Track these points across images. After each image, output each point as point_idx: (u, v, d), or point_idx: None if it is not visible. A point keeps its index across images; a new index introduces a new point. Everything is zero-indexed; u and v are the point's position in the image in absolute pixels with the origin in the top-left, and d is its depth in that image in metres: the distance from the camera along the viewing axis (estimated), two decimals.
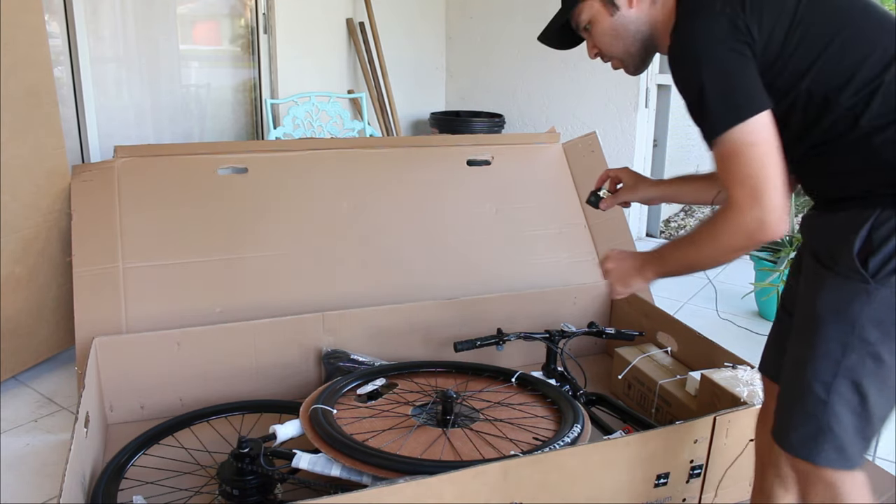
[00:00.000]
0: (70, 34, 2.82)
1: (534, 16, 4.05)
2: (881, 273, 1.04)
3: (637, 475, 1.51)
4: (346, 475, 1.50)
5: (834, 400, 1.09)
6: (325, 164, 2.44)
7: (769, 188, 1.09)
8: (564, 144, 2.74)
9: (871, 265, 1.05)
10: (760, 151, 1.09)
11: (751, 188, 1.10)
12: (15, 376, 2.27)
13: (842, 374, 1.09)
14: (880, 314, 1.06)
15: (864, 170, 1.09)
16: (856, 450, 1.11)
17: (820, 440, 1.11)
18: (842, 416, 1.09)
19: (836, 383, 1.09)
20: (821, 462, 1.12)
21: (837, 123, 1.10)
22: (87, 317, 1.99)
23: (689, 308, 3.02)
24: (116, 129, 3.09)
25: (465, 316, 2.25)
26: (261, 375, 2.07)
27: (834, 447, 1.11)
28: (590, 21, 1.33)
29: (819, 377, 1.11)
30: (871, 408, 1.09)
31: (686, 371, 1.94)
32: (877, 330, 1.06)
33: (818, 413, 1.11)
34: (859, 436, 1.10)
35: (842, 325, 1.09)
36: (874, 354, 1.07)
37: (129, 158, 2.25)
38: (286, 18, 3.58)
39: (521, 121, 4.31)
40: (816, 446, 1.12)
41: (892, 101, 1.06)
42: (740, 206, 1.11)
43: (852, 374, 1.08)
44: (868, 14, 1.11)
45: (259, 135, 3.68)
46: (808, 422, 1.13)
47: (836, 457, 1.11)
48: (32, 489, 1.74)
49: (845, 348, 1.08)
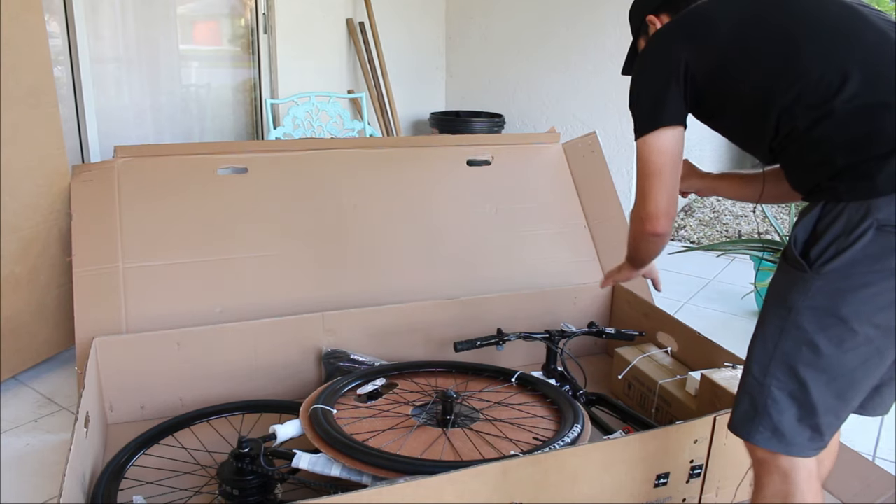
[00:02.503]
0: (70, 34, 2.82)
1: (534, 16, 4.05)
2: (818, 262, 1.09)
3: (637, 475, 1.51)
4: (346, 475, 1.50)
5: (769, 382, 1.15)
6: (325, 164, 2.44)
7: (654, 192, 1.34)
8: (564, 144, 2.74)
9: (811, 255, 1.10)
10: (658, 161, 1.32)
11: (640, 194, 1.37)
12: (15, 376, 2.28)
13: (777, 357, 1.14)
14: (816, 302, 1.09)
15: (809, 165, 1.16)
16: (798, 436, 1.14)
17: (756, 420, 1.16)
18: (780, 401, 1.14)
19: (772, 367, 1.14)
20: (757, 442, 1.17)
21: (780, 123, 1.18)
22: (87, 317, 1.99)
23: (689, 308, 3.02)
24: (116, 129, 3.09)
25: (465, 316, 2.25)
26: (261, 375, 2.07)
27: (769, 429, 1.15)
28: None
29: (757, 359, 1.17)
30: (814, 398, 1.11)
31: (686, 371, 1.94)
32: (813, 318, 1.10)
33: (754, 394, 1.17)
34: (803, 424, 1.13)
35: (780, 311, 1.14)
36: (810, 343, 1.10)
37: (129, 158, 2.25)
38: (286, 18, 3.58)
39: (521, 121, 4.31)
40: (753, 426, 1.17)
41: (819, 97, 1.12)
42: (635, 207, 1.40)
43: (788, 359, 1.13)
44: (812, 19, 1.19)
45: (259, 135, 3.68)
46: (746, 402, 1.18)
47: (771, 438, 1.15)
48: (32, 489, 1.74)
49: (781, 333, 1.14)
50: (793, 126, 1.16)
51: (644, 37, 1.52)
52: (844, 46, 1.14)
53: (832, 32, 1.16)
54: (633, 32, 1.58)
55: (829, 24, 1.17)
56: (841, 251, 1.07)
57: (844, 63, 1.12)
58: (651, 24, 1.48)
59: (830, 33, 1.16)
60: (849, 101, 1.10)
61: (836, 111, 1.11)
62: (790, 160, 1.21)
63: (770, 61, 1.19)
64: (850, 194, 1.08)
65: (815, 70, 1.13)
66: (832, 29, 1.16)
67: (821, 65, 1.13)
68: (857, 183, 1.08)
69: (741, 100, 1.23)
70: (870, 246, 1.06)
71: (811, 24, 1.18)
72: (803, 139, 1.15)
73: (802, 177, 1.19)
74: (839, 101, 1.11)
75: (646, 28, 1.50)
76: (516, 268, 2.48)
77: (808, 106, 1.13)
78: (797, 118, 1.15)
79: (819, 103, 1.12)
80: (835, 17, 1.18)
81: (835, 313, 1.08)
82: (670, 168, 1.33)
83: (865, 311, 1.07)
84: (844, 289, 1.08)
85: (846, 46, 1.14)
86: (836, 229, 1.08)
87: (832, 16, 1.18)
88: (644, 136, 1.33)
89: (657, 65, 1.33)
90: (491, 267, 2.45)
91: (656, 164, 1.33)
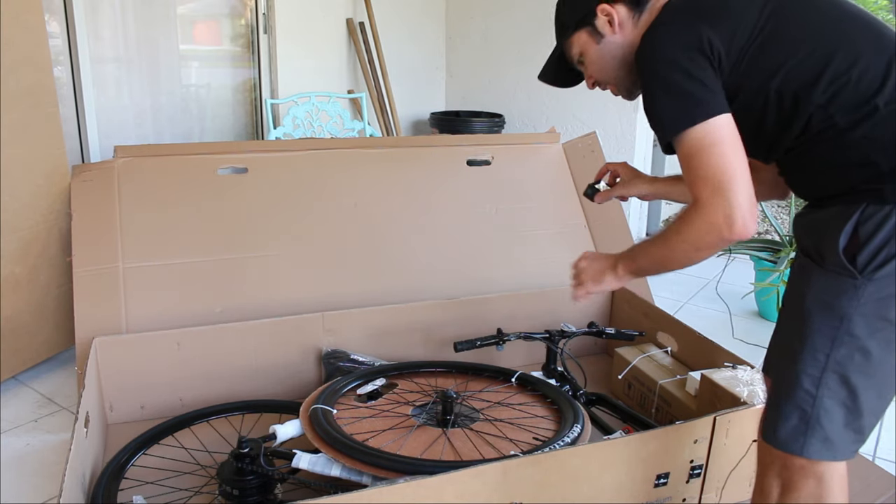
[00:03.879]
0: (70, 34, 2.82)
1: (534, 15, 4.05)
2: (868, 268, 1.05)
3: (637, 475, 1.51)
4: (346, 475, 1.50)
5: (822, 393, 1.10)
6: (325, 164, 2.44)
7: (733, 185, 1.09)
8: (564, 144, 2.74)
9: (859, 260, 1.05)
10: (719, 151, 1.10)
11: (714, 186, 1.11)
12: (15, 376, 2.28)
13: (830, 367, 1.10)
14: (868, 308, 1.06)
15: (844, 166, 1.10)
16: (844, 442, 1.12)
17: (808, 434, 1.13)
18: (831, 410, 1.11)
19: (825, 377, 1.10)
20: (811, 455, 1.13)
21: (812, 122, 1.10)
22: (87, 317, 1.99)
23: (689, 308, 3.02)
24: (116, 129, 3.09)
25: (465, 316, 2.25)
26: (261, 375, 2.07)
27: (821, 439, 1.12)
28: (581, 53, 1.37)
29: (807, 371, 1.12)
30: (861, 402, 1.10)
31: (686, 371, 1.94)
32: (865, 324, 1.07)
33: (807, 407, 1.12)
34: (849, 428, 1.12)
35: (830, 320, 1.09)
36: (862, 349, 1.08)
37: (129, 158, 2.25)
38: (286, 18, 3.58)
39: (521, 121, 4.31)
40: (805, 440, 1.13)
41: (860, 96, 1.06)
42: (705, 204, 1.12)
43: (841, 367, 1.09)
44: (837, 15, 1.12)
45: (259, 135, 3.68)
46: (797, 416, 1.14)
47: (823, 449, 1.13)
48: (32, 489, 1.74)
49: (833, 342, 1.09)
50: (829, 125, 1.09)
51: (588, 29, 1.31)
52: (878, 39, 1.08)
53: (864, 24, 1.10)
54: (568, 24, 1.34)
55: (859, 16, 1.11)
56: (893, 255, 1.03)
57: (882, 57, 1.07)
58: (604, 13, 1.28)
59: (862, 24, 1.10)
60: (891, 101, 1.05)
61: (879, 110, 1.05)
62: (817, 160, 1.13)
63: (799, 56, 1.09)
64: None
65: (854, 64, 1.07)
66: (863, 21, 1.10)
67: (859, 58, 1.07)
68: None
69: (767, 93, 1.12)
70: None
71: (842, 14, 1.11)
72: (840, 139, 1.08)
73: (828, 179, 1.12)
74: (882, 98, 1.05)
75: (592, 18, 1.29)
76: (516, 268, 2.47)
77: (847, 104, 1.07)
78: (834, 116, 1.08)
79: (860, 102, 1.06)
80: (857, 10, 1.12)
81: (885, 316, 1.06)
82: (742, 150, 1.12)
83: None
84: (894, 294, 1.05)
85: (880, 39, 1.08)
86: (886, 233, 1.04)
87: (854, 9, 1.12)
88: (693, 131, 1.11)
89: (682, 44, 1.13)
90: (491, 267, 2.45)
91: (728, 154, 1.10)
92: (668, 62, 1.14)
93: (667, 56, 1.15)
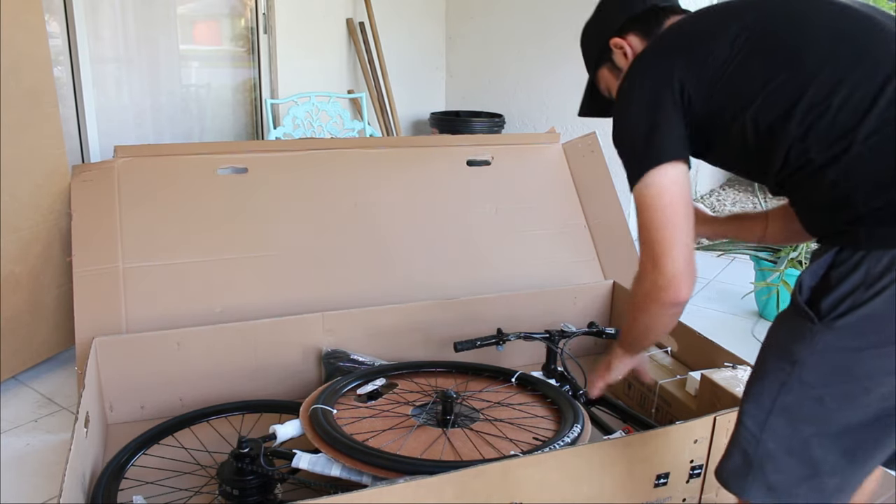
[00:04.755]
0: (70, 34, 2.82)
1: (534, 16, 4.05)
2: (830, 315, 0.97)
3: (637, 475, 1.51)
4: (346, 475, 1.50)
5: (765, 437, 1.03)
6: (325, 164, 2.44)
7: (666, 252, 1.10)
8: (564, 144, 2.74)
9: (823, 306, 0.98)
10: (667, 206, 1.09)
11: (649, 253, 1.12)
12: (15, 376, 2.27)
13: (776, 412, 1.02)
14: (824, 358, 0.98)
15: (826, 206, 1.02)
16: (798, 495, 1.03)
17: (749, 477, 1.06)
18: (776, 456, 1.03)
19: (770, 421, 1.03)
20: (751, 498, 1.06)
21: (790, 157, 1.03)
22: (87, 317, 1.99)
23: (689, 308, 3.01)
24: (116, 129, 3.09)
25: (465, 316, 2.25)
26: (261, 375, 2.07)
27: (764, 485, 1.04)
28: (607, 88, 1.39)
29: (752, 412, 1.06)
30: (817, 456, 1.01)
31: (686, 371, 1.94)
32: (818, 373, 0.99)
33: (748, 448, 1.06)
34: (805, 484, 1.02)
35: (781, 363, 1.03)
36: (817, 398, 1.00)
37: (129, 158, 2.25)
38: (286, 18, 3.58)
39: (521, 121, 4.31)
40: (745, 482, 1.06)
41: (838, 128, 0.97)
42: (642, 272, 1.15)
43: (788, 413, 1.02)
44: (826, 35, 1.02)
45: (259, 135, 3.68)
46: (738, 456, 1.08)
47: (765, 495, 1.04)
48: (32, 489, 1.74)
49: (782, 386, 1.02)
50: (806, 160, 1.01)
51: (608, 66, 1.32)
52: (874, 60, 0.98)
53: (857, 45, 1.00)
54: (591, 63, 1.36)
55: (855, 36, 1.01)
56: (857, 305, 0.94)
57: (872, 80, 0.96)
58: (617, 48, 1.28)
59: (855, 46, 1.00)
60: (872, 134, 0.96)
61: (855, 145, 0.96)
62: (802, 198, 1.07)
63: (779, 88, 1.02)
64: (872, 242, 0.95)
65: (834, 91, 0.98)
66: (857, 41, 1.00)
67: (841, 84, 0.98)
68: (881, 229, 0.95)
69: (745, 132, 1.07)
70: (892, 301, 0.92)
71: (821, 38, 1.02)
72: (818, 177, 1.00)
73: (816, 218, 1.05)
74: (863, 130, 0.96)
75: (608, 54, 1.31)
76: (516, 268, 2.47)
77: (823, 139, 0.98)
78: (810, 151, 1.00)
79: (838, 135, 0.97)
80: (846, 27, 1.02)
81: (846, 371, 0.97)
82: (683, 213, 1.10)
83: (883, 369, 0.95)
84: (858, 347, 0.96)
85: (876, 61, 0.97)
86: (854, 280, 0.95)
87: (847, 31, 1.02)
88: (643, 177, 1.10)
89: (648, 89, 1.11)
90: (491, 267, 2.45)
91: (665, 211, 1.09)
92: (631, 105, 1.14)
93: (632, 97, 1.14)
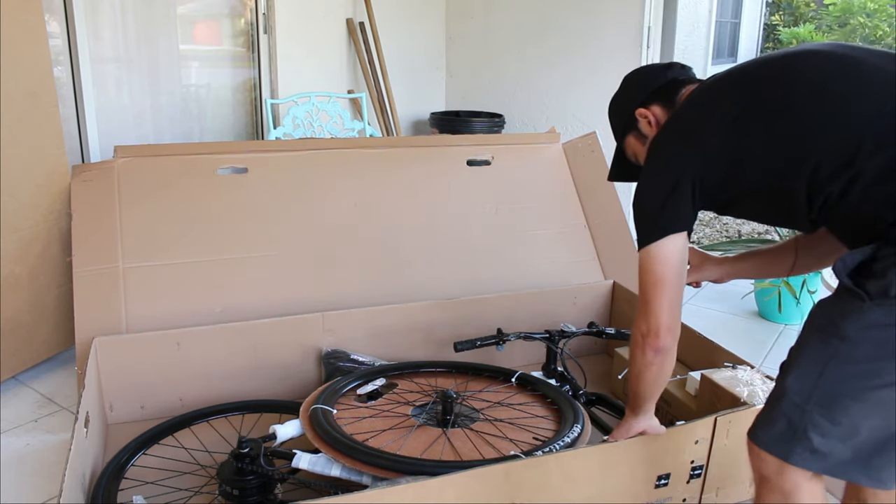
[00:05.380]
0: (70, 34, 2.82)
1: (534, 16, 4.05)
2: (879, 296, 1.04)
3: (637, 476, 1.51)
4: (346, 475, 1.50)
5: (810, 408, 1.10)
6: (325, 164, 2.44)
7: (655, 304, 1.30)
8: (564, 144, 2.74)
9: (871, 288, 1.05)
10: (661, 270, 1.29)
11: (641, 308, 1.34)
12: (15, 376, 2.27)
13: (822, 385, 1.09)
14: (870, 334, 1.05)
15: (863, 224, 1.11)
16: (838, 456, 1.09)
17: (793, 441, 1.12)
18: (820, 424, 1.09)
19: (816, 393, 1.10)
20: (794, 462, 1.12)
21: (812, 194, 1.14)
22: (87, 317, 1.99)
23: (689, 308, 3.02)
24: (116, 129, 3.08)
25: (465, 316, 2.25)
26: (261, 375, 2.07)
27: (808, 449, 1.10)
28: (634, 154, 1.49)
29: (797, 384, 1.12)
30: (858, 424, 1.07)
31: (686, 371, 1.94)
32: (865, 349, 1.06)
33: (794, 417, 1.12)
34: (845, 444, 1.09)
35: (830, 338, 1.09)
36: (862, 372, 1.06)
37: (129, 158, 2.25)
38: (286, 18, 3.58)
39: (521, 121, 4.31)
40: (789, 446, 1.12)
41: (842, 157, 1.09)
42: (634, 325, 1.36)
43: (834, 386, 1.08)
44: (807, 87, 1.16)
45: (259, 135, 3.68)
46: (783, 422, 1.13)
47: (808, 458, 1.11)
48: (32, 489, 1.74)
49: (829, 360, 1.09)
50: (826, 194, 1.12)
51: (634, 133, 1.45)
52: (851, 106, 1.11)
53: (835, 95, 1.13)
54: (618, 132, 1.49)
55: (831, 88, 1.14)
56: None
57: (855, 122, 1.10)
58: (642, 117, 1.41)
59: (833, 96, 1.13)
60: (872, 156, 1.07)
61: (863, 171, 1.08)
62: (839, 225, 1.16)
63: (779, 146, 1.16)
64: None
65: (827, 139, 1.11)
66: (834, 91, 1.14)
67: (831, 133, 1.10)
68: None
69: (760, 189, 1.21)
70: None
71: (812, 95, 1.15)
72: (842, 203, 1.11)
73: (857, 235, 1.13)
74: (861, 159, 1.08)
75: (635, 123, 1.43)
76: (516, 268, 2.47)
77: (832, 173, 1.10)
78: (826, 186, 1.11)
79: (842, 167, 1.09)
80: (834, 78, 1.15)
81: (892, 347, 1.04)
82: (673, 277, 1.29)
83: None
84: None
85: (852, 105, 1.11)
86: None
87: (831, 78, 1.15)
88: (648, 245, 1.29)
89: (661, 176, 1.29)
90: (491, 267, 2.45)
91: (659, 274, 1.29)
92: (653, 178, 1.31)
93: (654, 173, 1.32)
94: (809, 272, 1.57)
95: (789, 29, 6.05)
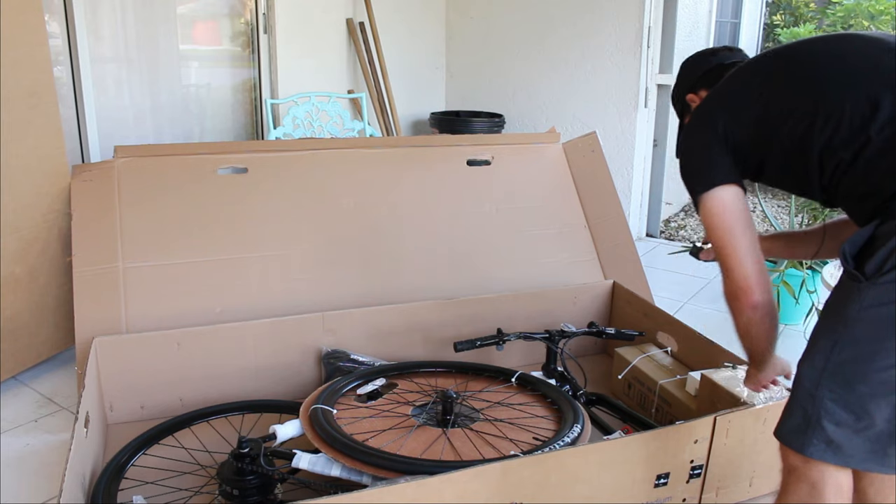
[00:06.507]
0: (70, 34, 2.82)
1: (534, 15, 4.05)
2: (875, 274, 1.08)
3: (637, 475, 1.51)
4: (346, 475, 1.50)
5: (820, 394, 1.13)
6: (325, 164, 2.44)
7: (735, 257, 1.28)
8: (564, 144, 2.74)
9: (867, 268, 1.08)
10: (725, 220, 1.29)
11: (721, 265, 1.32)
12: (15, 376, 2.27)
13: (830, 370, 1.12)
14: (869, 313, 1.08)
15: (866, 193, 1.17)
16: (854, 448, 1.12)
17: (808, 431, 1.14)
18: (832, 411, 1.12)
19: (825, 378, 1.12)
20: (811, 454, 1.14)
21: (824, 158, 1.20)
22: (87, 317, 1.99)
23: (689, 308, 3.02)
24: (116, 129, 3.09)
25: (465, 316, 2.25)
26: (261, 375, 2.07)
27: (823, 440, 1.13)
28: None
29: (808, 372, 1.16)
30: (870, 409, 1.09)
31: (686, 371, 1.94)
32: (866, 329, 1.09)
33: (808, 406, 1.15)
34: (860, 435, 1.11)
35: (834, 324, 1.13)
36: (866, 354, 1.09)
37: (129, 158, 2.25)
38: (286, 18, 3.58)
39: (521, 121, 4.31)
40: (805, 437, 1.15)
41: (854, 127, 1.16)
42: (723, 287, 1.34)
43: (841, 370, 1.11)
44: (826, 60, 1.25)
45: (259, 135, 3.68)
46: (798, 414, 1.16)
47: (826, 450, 1.13)
48: (32, 489, 1.74)
49: (835, 345, 1.12)
50: (838, 160, 1.18)
51: (689, 115, 1.55)
52: (868, 77, 1.17)
53: (854, 67, 1.20)
54: (679, 114, 1.63)
55: (851, 60, 1.22)
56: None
57: (871, 92, 1.15)
58: (692, 102, 1.53)
59: (852, 68, 1.20)
60: (884, 128, 1.13)
61: (872, 139, 1.14)
62: (846, 196, 1.22)
63: (800, 109, 1.22)
64: None
65: (844, 105, 1.16)
66: (853, 63, 1.21)
67: (848, 99, 1.16)
68: None
69: (782, 150, 1.26)
70: None
71: (833, 64, 1.23)
72: (850, 171, 1.17)
73: (861, 208, 1.20)
74: (874, 129, 1.13)
75: (688, 108, 1.55)
76: (516, 268, 2.47)
77: (845, 139, 1.16)
78: (838, 151, 1.17)
79: (854, 134, 1.15)
80: (855, 52, 1.22)
81: (892, 324, 1.06)
82: (742, 226, 1.29)
83: None
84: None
85: (870, 76, 1.17)
86: (892, 244, 1.07)
87: (852, 52, 1.23)
88: (702, 199, 1.33)
89: (699, 133, 1.37)
90: (491, 267, 2.45)
91: (725, 225, 1.30)
92: (692, 143, 1.39)
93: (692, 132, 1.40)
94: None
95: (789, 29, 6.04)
